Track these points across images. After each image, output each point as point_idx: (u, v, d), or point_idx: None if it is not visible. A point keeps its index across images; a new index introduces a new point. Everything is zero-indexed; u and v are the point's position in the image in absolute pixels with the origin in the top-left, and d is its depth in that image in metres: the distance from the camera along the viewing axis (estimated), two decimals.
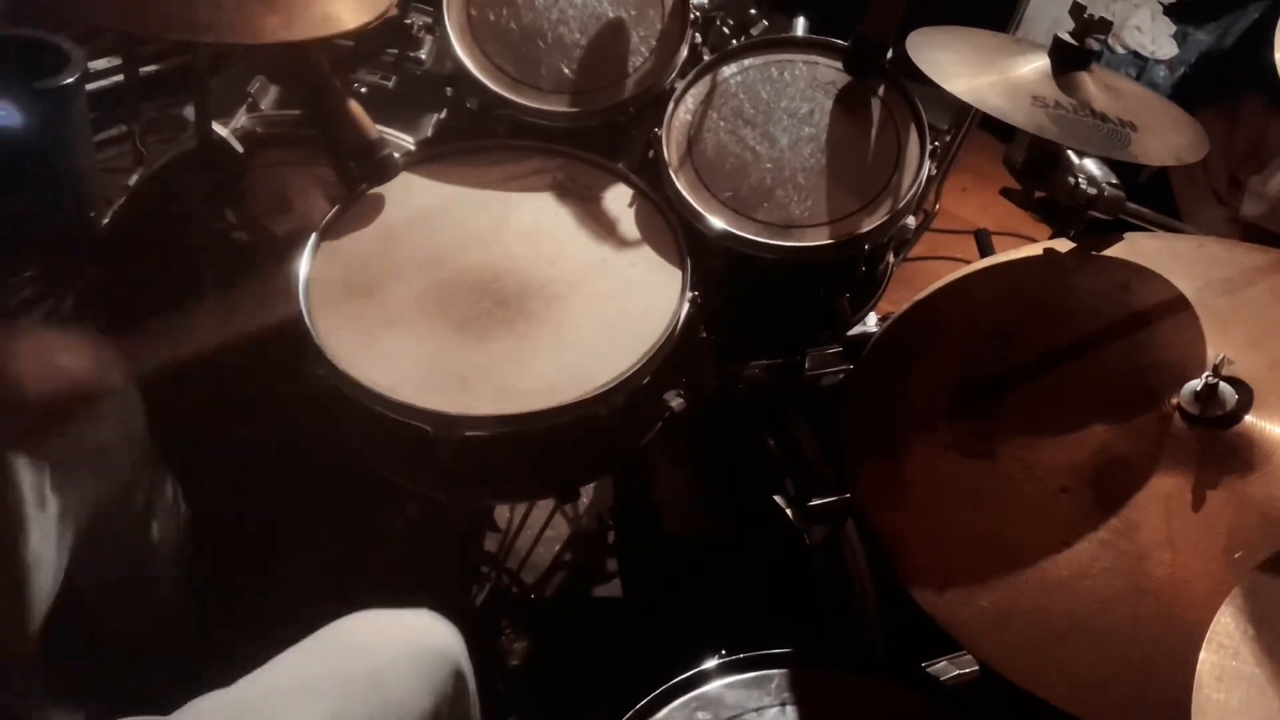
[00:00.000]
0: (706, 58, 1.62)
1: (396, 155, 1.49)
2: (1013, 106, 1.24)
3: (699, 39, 1.66)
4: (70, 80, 1.64)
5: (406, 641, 1.13)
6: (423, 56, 1.76)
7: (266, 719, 1.04)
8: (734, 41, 1.71)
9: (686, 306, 1.38)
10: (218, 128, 1.54)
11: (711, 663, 1.12)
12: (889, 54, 1.53)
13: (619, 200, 1.52)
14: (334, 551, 1.70)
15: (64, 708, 1.03)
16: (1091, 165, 1.36)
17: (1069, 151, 1.35)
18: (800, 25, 1.74)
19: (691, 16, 1.63)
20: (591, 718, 1.56)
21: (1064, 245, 1.36)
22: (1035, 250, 1.38)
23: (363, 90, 1.71)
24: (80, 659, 1.25)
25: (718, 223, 1.46)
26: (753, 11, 1.75)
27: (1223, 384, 1.08)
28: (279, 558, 1.65)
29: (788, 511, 1.32)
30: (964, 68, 1.31)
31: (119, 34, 2.07)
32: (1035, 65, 1.31)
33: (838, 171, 1.51)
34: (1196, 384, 1.09)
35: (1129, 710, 0.99)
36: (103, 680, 1.10)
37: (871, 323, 1.58)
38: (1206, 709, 0.80)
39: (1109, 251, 1.33)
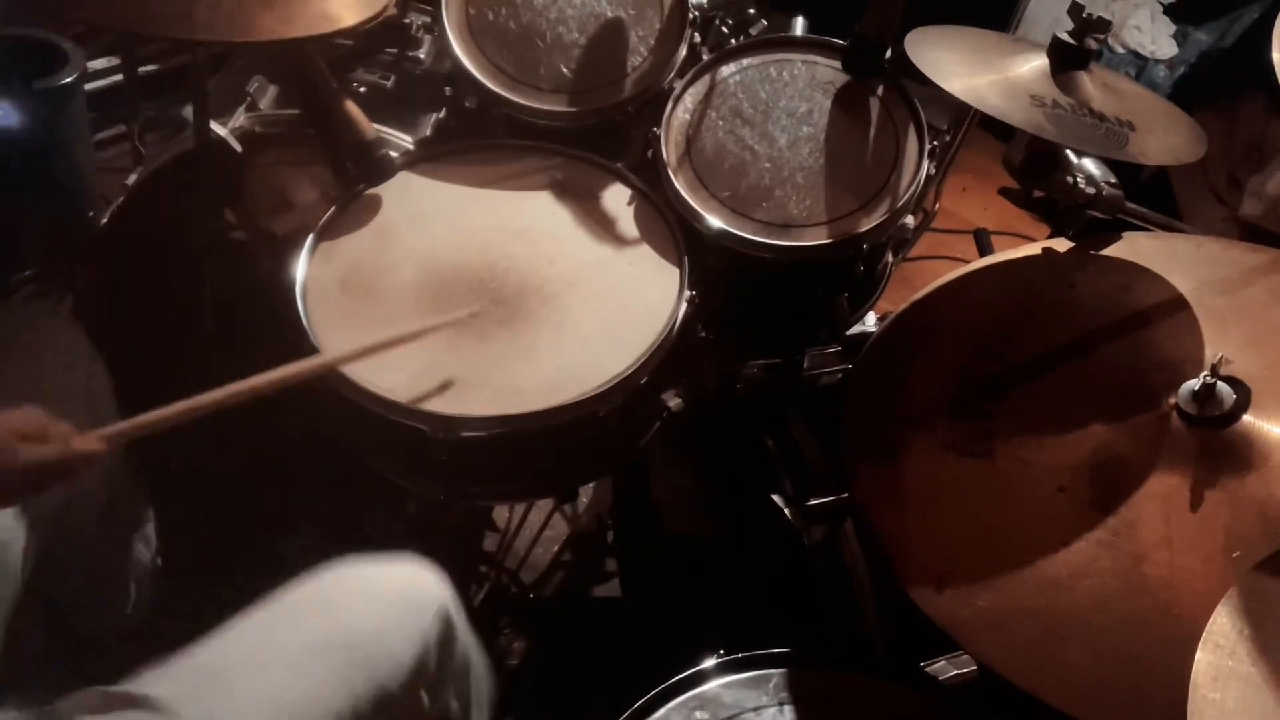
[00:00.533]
0: (705, 57, 1.62)
1: (393, 155, 1.49)
2: (1010, 106, 1.24)
3: (698, 38, 1.66)
4: (69, 80, 1.64)
5: (386, 591, 1.11)
6: (421, 56, 1.75)
7: (237, 692, 0.99)
8: (733, 41, 1.71)
9: (685, 306, 1.38)
10: (216, 127, 1.54)
11: (710, 662, 1.12)
12: (888, 53, 1.53)
13: (617, 200, 1.52)
14: (332, 551, 1.69)
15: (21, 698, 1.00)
16: (1090, 164, 1.36)
17: (1068, 151, 1.35)
18: (799, 25, 1.74)
19: (690, 16, 1.63)
20: (590, 718, 1.56)
21: (1063, 245, 1.36)
22: (1034, 250, 1.38)
23: (361, 89, 1.71)
24: (44, 657, 1.23)
25: (716, 222, 1.46)
26: (751, 11, 1.75)
27: (1220, 384, 1.08)
28: (277, 557, 1.64)
29: (786, 511, 1.32)
30: (962, 67, 1.31)
31: (117, 33, 2.07)
32: (1034, 65, 1.31)
33: (836, 171, 1.51)
34: (1194, 384, 1.09)
35: (1126, 710, 0.99)
36: (67, 674, 1.07)
37: (870, 322, 1.58)
38: (1203, 709, 0.80)
39: (1108, 251, 1.33)
